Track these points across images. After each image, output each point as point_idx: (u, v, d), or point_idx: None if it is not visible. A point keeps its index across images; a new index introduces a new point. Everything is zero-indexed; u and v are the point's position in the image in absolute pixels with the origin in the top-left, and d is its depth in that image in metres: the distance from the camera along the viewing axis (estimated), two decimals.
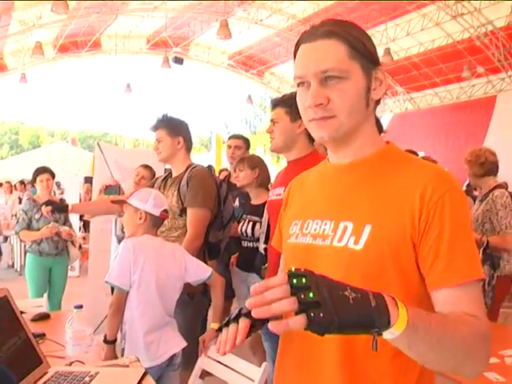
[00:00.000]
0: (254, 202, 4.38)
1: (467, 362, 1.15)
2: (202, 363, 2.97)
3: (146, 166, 5.37)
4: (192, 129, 3.80)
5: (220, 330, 1.14)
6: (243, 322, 1.09)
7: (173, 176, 3.72)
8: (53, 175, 5.89)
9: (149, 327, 2.82)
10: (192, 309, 3.31)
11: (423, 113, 22.48)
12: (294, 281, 0.94)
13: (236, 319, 1.11)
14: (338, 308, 0.92)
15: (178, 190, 3.52)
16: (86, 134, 63.18)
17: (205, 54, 25.43)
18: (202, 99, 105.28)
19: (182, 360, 3.00)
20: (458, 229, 1.21)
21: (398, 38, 19.17)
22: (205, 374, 3.09)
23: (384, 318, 0.97)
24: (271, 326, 0.95)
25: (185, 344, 2.96)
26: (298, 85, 1.33)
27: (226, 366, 2.80)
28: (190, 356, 3.08)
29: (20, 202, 11.49)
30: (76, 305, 2.43)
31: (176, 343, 2.95)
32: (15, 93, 75.01)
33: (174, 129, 3.66)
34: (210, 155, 18.48)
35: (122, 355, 2.71)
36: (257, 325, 1.10)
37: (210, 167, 3.86)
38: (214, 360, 2.90)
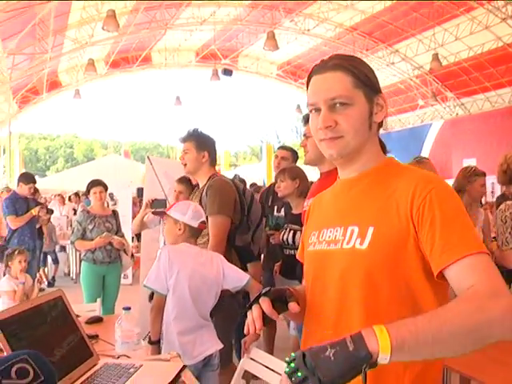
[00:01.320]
0: (294, 211, 4.50)
1: (483, 331, 1.19)
2: (245, 364, 3.10)
3: (181, 180, 5.26)
4: (242, 139, 4.00)
5: (245, 315, 1.40)
6: (263, 301, 1.38)
7: (199, 188, 3.95)
8: (105, 187, 6.15)
9: (183, 329, 3.00)
10: (222, 312, 3.42)
11: (474, 118, 22.07)
12: (286, 370, 1.12)
13: (257, 300, 1.39)
14: (323, 372, 1.08)
15: (200, 200, 3.71)
16: (139, 146, 64.43)
17: (253, 65, 25.69)
18: (252, 110, 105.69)
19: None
20: (448, 214, 1.37)
21: (447, 43, 18.96)
22: (249, 376, 3.23)
23: (364, 353, 1.10)
24: None
25: (221, 346, 3.11)
26: (311, 111, 1.55)
27: (266, 366, 2.94)
28: (224, 357, 3.23)
29: (75, 213, 11.92)
30: (125, 306, 2.61)
31: (212, 345, 3.10)
32: (70, 108, 77.25)
33: (201, 143, 3.86)
34: (261, 165, 18.62)
35: None
36: (277, 303, 1.39)
37: (235, 177, 4.03)
38: (255, 361, 3.04)
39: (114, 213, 6.26)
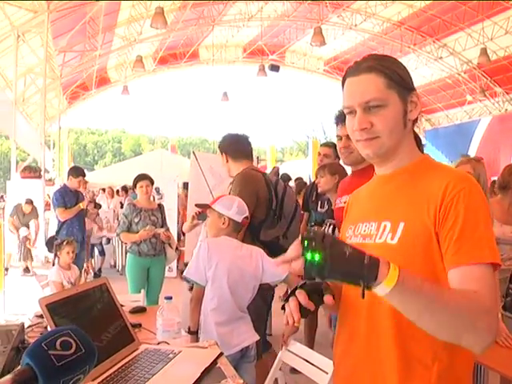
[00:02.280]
0: (334, 206, 4.53)
1: (466, 332, 1.30)
2: (283, 356, 3.16)
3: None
4: (289, 135, 4.10)
5: (283, 308, 1.46)
6: (299, 293, 1.43)
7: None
8: (152, 182, 6.27)
9: (221, 320, 3.07)
10: (254, 305, 3.45)
11: None
12: (306, 238, 1.19)
13: (293, 293, 1.45)
14: (333, 257, 1.17)
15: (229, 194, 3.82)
16: (186, 141, 65.05)
17: (300, 61, 25.68)
18: (298, 105, 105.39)
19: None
20: (470, 219, 1.40)
21: (496, 37, 18.55)
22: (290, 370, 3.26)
23: (372, 274, 1.20)
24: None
25: (257, 338, 3.17)
26: (347, 113, 1.59)
27: (303, 358, 3.01)
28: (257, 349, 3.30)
29: (122, 207, 12.16)
30: (166, 296, 2.70)
31: (249, 336, 3.16)
32: (118, 104, 78.56)
33: (219, 147, 4.14)
34: (307, 161, 18.57)
35: None
36: (314, 295, 1.45)
37: (273, 170, 4.09)
38: (294, 354, 3.11)
39: (160, 207, 6.37)
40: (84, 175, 7.67)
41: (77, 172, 7.57)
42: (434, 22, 19.28)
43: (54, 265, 5.31)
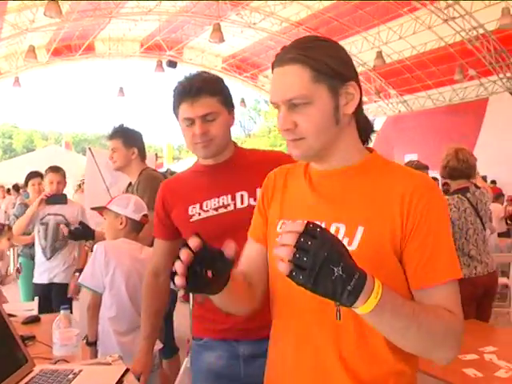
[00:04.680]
0: None
1: (434, 349, 1.29)
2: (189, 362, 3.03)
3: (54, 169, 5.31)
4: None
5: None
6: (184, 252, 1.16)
7: (131, 185, 3.85)
8: None
9: (121, 328, 2.88)
10: None
11: (416, 115, 22.61)
12: (302, 239, 1.06)
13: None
14: (317, 279, 1.05)
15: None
16: (80, 137, 63.07)
17: (198, 58, 25.53)
18: None
19: None
20: (441, 234, 1.34)
21: (391, 41, 19.31)
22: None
23: (350, 301, 1.09)
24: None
25: (160, 346, 3.00)
26: (275, 108, 1.43)
27: None
28: (166, 350, 3.18)
29: (14, 207, 11.49)
30: (63, 306, 2.47)
31: None
32: (9, 96, 74.80)
33: (128, 139, 3.78)
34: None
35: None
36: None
37: (167, 170, 3.98)
38: None
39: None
40: None
41: None
42: (331, 24, 19.72)
43: None
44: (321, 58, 1.36)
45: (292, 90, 1.35)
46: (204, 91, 2.06)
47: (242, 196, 2.12)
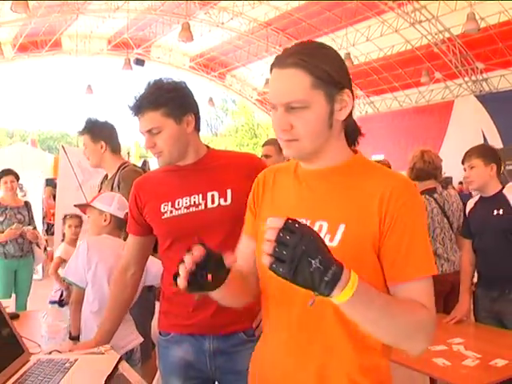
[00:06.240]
0: None
1: (407, 340, 1.37)
2: None
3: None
4: None
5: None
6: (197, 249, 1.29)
7: (108, 177, 3.79)
8: (17, 177, 5.89)
9: None
10: (138, 305, 3.35)
11: (383, 116, 22.92)
12: (281, 234, 1.14)
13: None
14: (296, 271, 1.14)
15: (112, 191, 3.57)
16: (46, 135, 62.05)
17: (166, 56, 25.43)
18: None
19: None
20: (417, 232, 1.41)
21: (358, 43, 19.57)
22: None
23: (327, 291, 1.17)
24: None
25: (141, 340, 3.05)
26: (272, 107, 1.49)
27: None
28: (144, 351, 3.20)
29: None
30: (51, 300, 2.52)
31: (132, 339, 3.03)
32: None
33: (95, 134, 3.70)
34: None
35: None
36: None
37: (144, 163, 3.93)
38: None
39: (27, 204, 6.01)
40: None
41: None
42: (299, 25, 19.90)
43: None
44: (322, 65, 1.42)
45: (291, 94, 1.41)
46: (145, 107, 2.15)
47: (212, 196, 2.19)
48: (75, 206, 3.42)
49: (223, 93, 33.29)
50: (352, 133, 1.58)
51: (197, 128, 2.27)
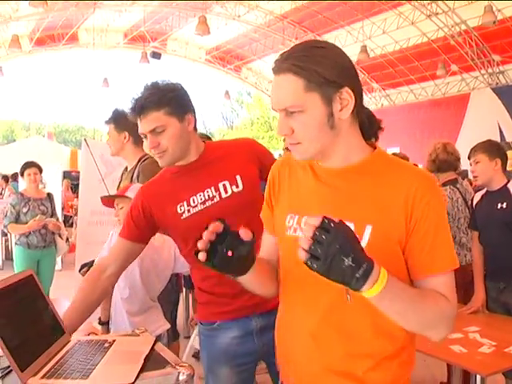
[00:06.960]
0: None
1: (429, 329, 1.47)
2: (194, 342, 3.18)
3: None
4: None
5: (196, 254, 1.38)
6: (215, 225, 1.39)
7: (128, 169, 3.88)
8: (40, 169, 6.02)
9: (133, 308, 3.05)
10: (164, 294, 3.43)
11: (399, 109, 22.79)
12: (317, 233, 1.19)
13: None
14: (330, 267, 1.20)
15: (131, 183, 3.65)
16: (62, 128, 62.45)
17: (182, 49, 25.41)
18: None
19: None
20: (440, 229, 1.48)
21: (375, 36, 19.46)
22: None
23: (358, 286, 1.25)
24: None
25: (168, 326, 3.18)
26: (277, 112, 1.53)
27: None
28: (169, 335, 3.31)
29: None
30: None
31: (160, 325, 3.15)
32: None
33: (119, 124, 3.76)
34: None
35: None
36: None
37: None
38: None
39: (49, 196, 6.14)
40: None
41: None
42: (315, 17, 19.84)
43: None
44: (314, 67, 1.42)
45: (286, 100, 1.44)
46: (148, 107, 2.19)
47: (224, 186, 2.25)
48: (102, 197, 3.51)
49: (239, 86, 33.23)
50: (370, 127, 1.61)
51: (195, 128, 2.33)
